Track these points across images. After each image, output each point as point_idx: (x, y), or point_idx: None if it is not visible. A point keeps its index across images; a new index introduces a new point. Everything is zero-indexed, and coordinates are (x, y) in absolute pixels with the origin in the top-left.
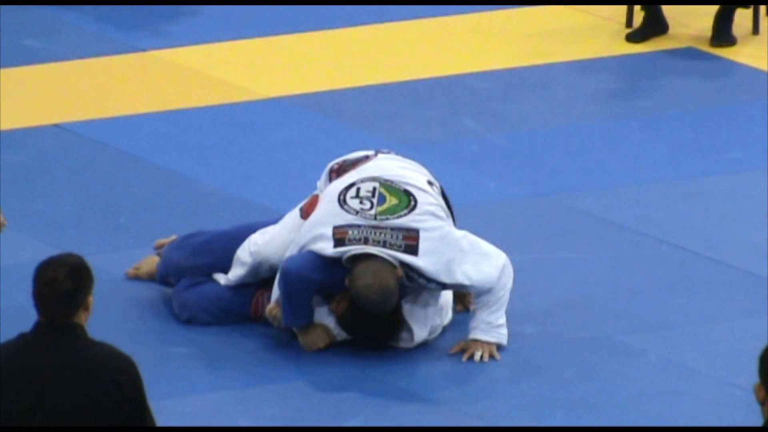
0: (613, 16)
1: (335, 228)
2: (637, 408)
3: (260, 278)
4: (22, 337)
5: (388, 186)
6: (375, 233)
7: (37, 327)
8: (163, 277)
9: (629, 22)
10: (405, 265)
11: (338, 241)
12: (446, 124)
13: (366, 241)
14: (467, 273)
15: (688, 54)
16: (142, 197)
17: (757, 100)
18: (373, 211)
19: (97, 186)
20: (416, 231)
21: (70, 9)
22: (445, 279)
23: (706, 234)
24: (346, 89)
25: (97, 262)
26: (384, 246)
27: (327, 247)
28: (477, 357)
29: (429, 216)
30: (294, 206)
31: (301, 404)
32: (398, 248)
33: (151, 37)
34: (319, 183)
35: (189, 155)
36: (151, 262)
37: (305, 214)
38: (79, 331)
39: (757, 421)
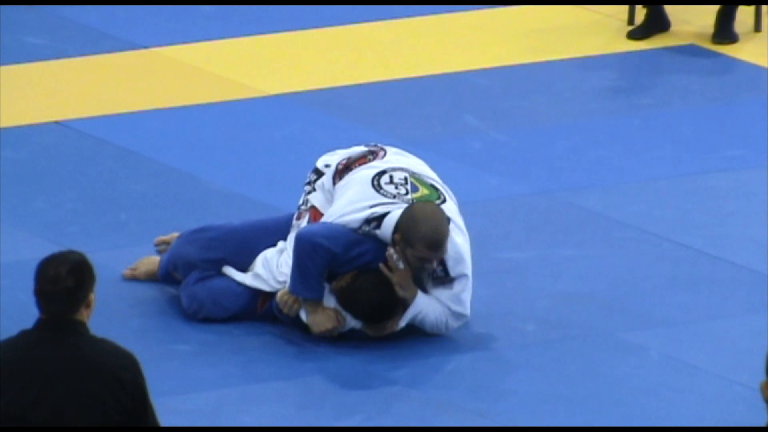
0: (614, 13)
1: (373, 207)
2: (638, 405)
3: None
4: (23, 334)
5: (417, 178)
6: None
7: (39, 324)
8: (168, 272)
9: (631, 20)
10: None
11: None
12: (448, 121)
13: None
14: (457, 287)
15: (690, 51)
16: (143, 194)
17: (759, 97)
18: (409, 197)
19: (99, 183)
20: (449, 219)
21: (71, 6)
22: (452, 268)
23: (707, 231)
24: (348, 86)
25: (98, 259)
26: None
27: (357, 219)
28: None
29: (457, 216)
30: (294, 205)
31: (303, 401)
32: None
33: (153, 34)
34: (318, 194)
35: (190, 152)
36: (149, 262)
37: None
38: (80, 328)
39: (760, 418)
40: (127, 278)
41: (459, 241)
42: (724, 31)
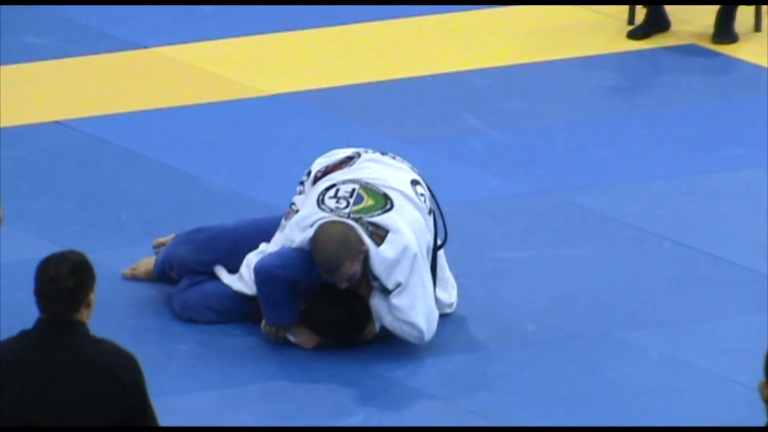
0: (614, 13)
1: (313, 225)
2: (638, 405)
3: None
4: (24, 334)
5: (368, 188)
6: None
7: (39, 324)
8: (164, 270)
9: (631, 19)
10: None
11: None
12: (448, 121)
13: None
14: (403, 297)
15: (690, 51)
16: (143, 194)
17: (759, 97)
18: (347, 210)
19: (99, 183)
20: (386, 230)
21: (72, 6)
22: (386, 281)
23: (707, 231)
24: (348, 86)
25: (98, 259)
26: (356, 221)
27: (304, 240)
28: None
29: (402, 224)
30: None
31: (303, 401)
32: (365, 230)
33: (153, 34)
34: (303, 187)
35: (191, 152)
36: (149, 262)
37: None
38: (80, 328)
39: (759, 418)
40: (127, 278)
41: (389, 253)
42: (724, 31)
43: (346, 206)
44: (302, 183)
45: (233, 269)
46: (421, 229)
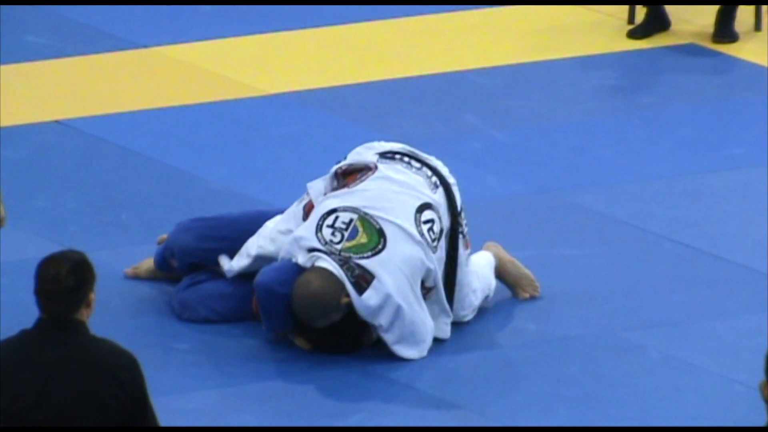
0: (614, 13)
1: (310, 252)
2: (638, 404)
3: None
4: (23, 334)
5: (366, 221)
6: (338, 257)
7: (39, 323)
8: (165, 258)
9: (631, 19)
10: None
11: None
12: (448, 120)
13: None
14: (388, 334)
15: (690, 50)
16: (143, 193)
17: (759, 96)
18: (339, 246)
19: (99, 182)
20: (372, 276)
21: (72, 5)
22: (371, 321)
23: (707, 230)
24: (347, 85)
25: (98, 258)
26: (341, 266)
27: (303, 261)
28: None
29: (389, 270)
30: (294, 201)
31: (303, 401)
32: (350, 275)
33: (153, 33)
34: (320, 183)
35: (191, 152)
36: (150, 261)
37: (306, 215)
38: (80, 327)
39: (759, 417)
40: (129, 276)
41: (372, 300)
42: (725, 30)
43: (340, 240)
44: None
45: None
46: (415, 266)
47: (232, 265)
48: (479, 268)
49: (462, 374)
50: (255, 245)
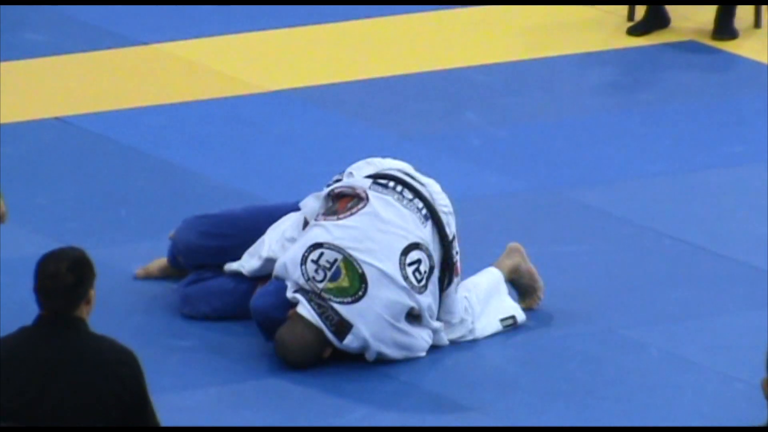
0: (614, 10)
1: (293, 281)
2: (638, 401)
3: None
4: (23, 331)
5: (349, 263)
6: (318, 299)
7: (39, 320)
8: (174, 256)
9: (631, 16)
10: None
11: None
12: (448, 117)
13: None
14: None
15: (690, 47)
16: (143, 190)
17: (759, 93)
18: (321, 285)
19: (99, 179)
20: (350, 325)
21: (71, 3)
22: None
23: (707, 227)
24: (347, 82)
25: (98, 255)
26: (321, 314)
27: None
28: None
29: (367, 320)
30: (294, 200)
31: (302, 398)
32: (329, 324)
33: (153, 30)
34: (314, 202)
35: (190, 148)
36: (161, 260)
37: (304, 226)
38: (80, 324)
39: (759, 415)
40: (139, 277)
41: (354, 344)
42: (724, 28)
43: (323, 279)
44: (337, 181)
45: (238, 258)
46: (396, 309)
47: (243, 266)
48: (482, 297)
49: (462, 371)
50: (267, 248)
